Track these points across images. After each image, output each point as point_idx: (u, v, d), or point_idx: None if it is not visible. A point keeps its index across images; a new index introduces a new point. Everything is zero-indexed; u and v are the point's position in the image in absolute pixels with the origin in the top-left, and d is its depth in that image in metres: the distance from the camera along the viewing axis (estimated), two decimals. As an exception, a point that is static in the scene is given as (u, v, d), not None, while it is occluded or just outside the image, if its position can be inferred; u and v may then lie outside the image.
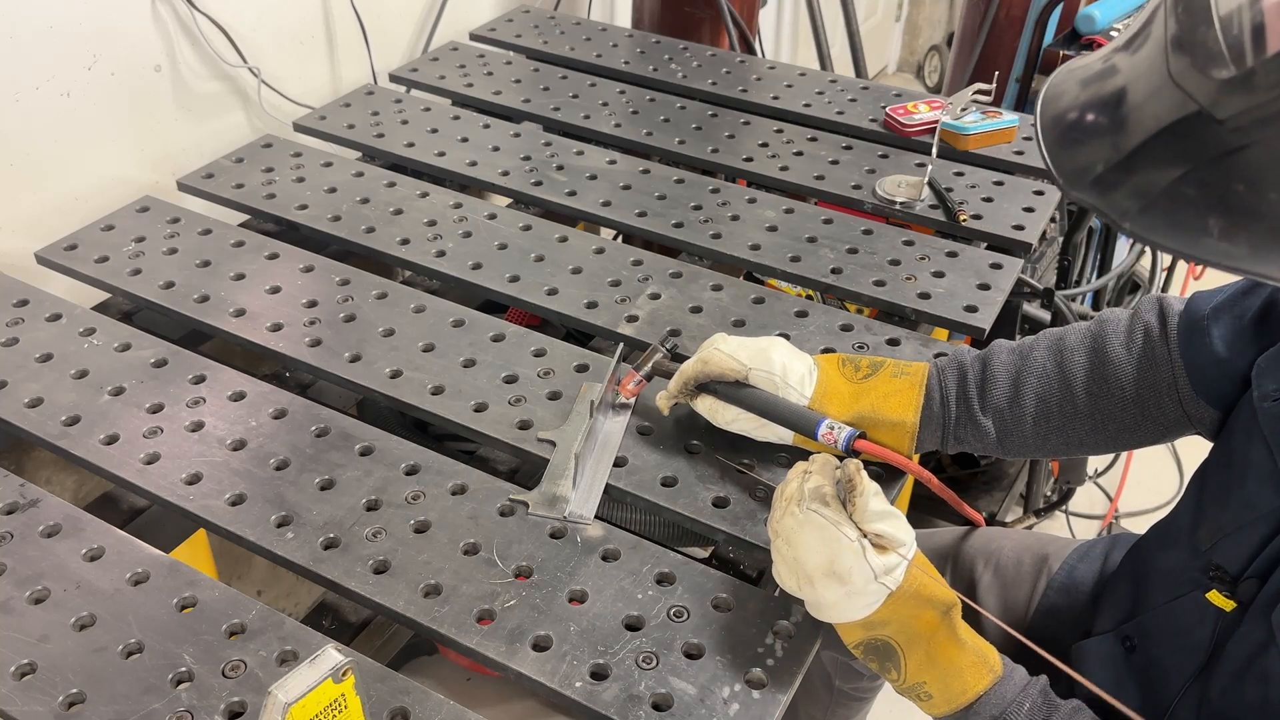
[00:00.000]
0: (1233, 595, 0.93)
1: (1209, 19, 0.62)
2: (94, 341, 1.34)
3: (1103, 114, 0.69)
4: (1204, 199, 0.62)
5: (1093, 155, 0.68)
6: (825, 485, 0.91)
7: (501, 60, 2.08)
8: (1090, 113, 0.69)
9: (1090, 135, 0.69)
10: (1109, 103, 0.69)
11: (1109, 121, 0.68)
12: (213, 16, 1.72)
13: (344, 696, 0.80)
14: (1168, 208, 0.64)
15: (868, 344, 1.33)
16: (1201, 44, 0.62)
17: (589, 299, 1.42)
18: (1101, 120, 0.69)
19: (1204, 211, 0.62)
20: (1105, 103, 0.69)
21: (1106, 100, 0.69)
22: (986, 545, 1.38)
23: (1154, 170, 0.64)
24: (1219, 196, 0.62)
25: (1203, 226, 0.62)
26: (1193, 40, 0.63)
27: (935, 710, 0.96)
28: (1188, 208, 0.63)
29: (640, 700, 0.92)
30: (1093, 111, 0.69)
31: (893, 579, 0.89)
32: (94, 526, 1.09)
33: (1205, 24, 0.62)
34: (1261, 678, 0.87)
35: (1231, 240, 0.62)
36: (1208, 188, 0.62)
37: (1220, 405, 1.01)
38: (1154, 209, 0.65)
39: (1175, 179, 0.63)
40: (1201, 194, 0.62)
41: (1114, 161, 0.66)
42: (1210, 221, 0.62)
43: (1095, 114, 0.69)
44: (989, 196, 1.63)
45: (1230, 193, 0.61)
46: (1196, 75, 0.62)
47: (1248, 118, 0.60)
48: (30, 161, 1.56)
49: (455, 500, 1.12)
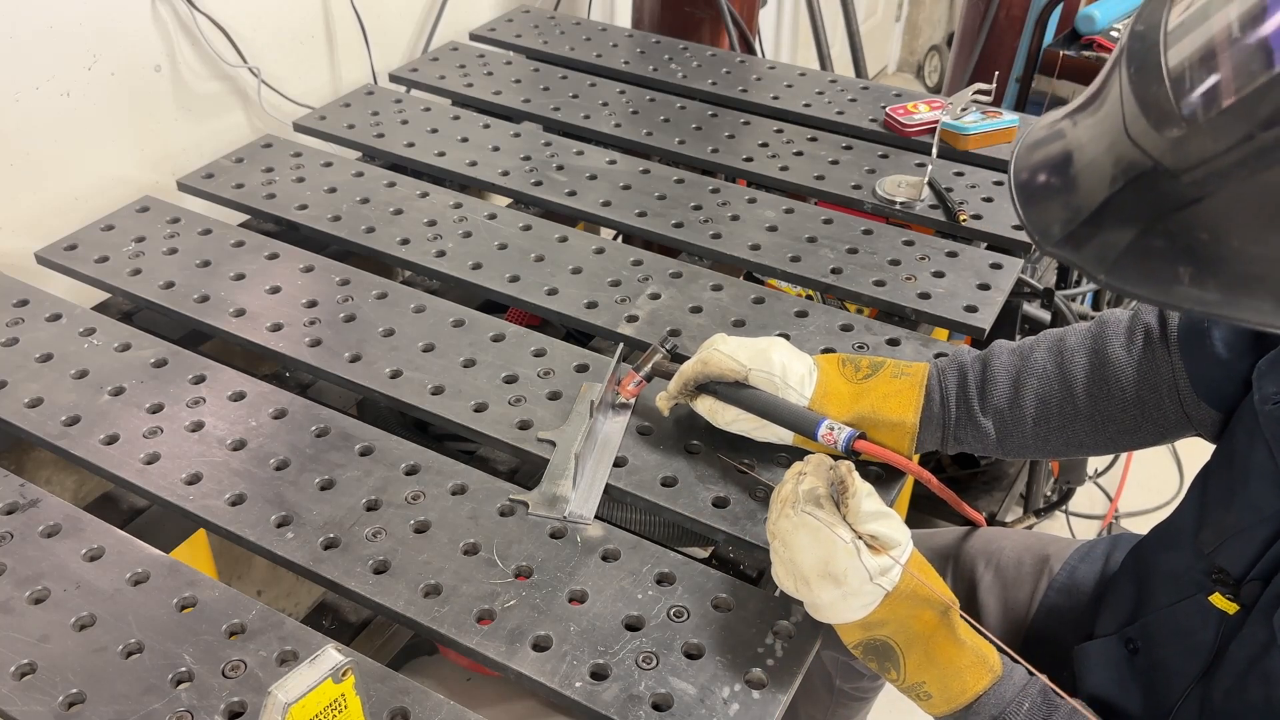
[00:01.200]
0: (1235, 598, 0.93)
1: (1160, 78, 0.65)
2: (94, 341, 1.34)
3: (1063, 175, 0.71)
4: (1171, 249, 0.64)
5: (1061, 213, 0.70)
6: (819, 487, 0.91)
7: (501, 60, 2.08)
8: (1053, 175, 0.72)
9: (1057, 195, 0.71)
10: (1070, 164, 0.71)
11: (1071, 182, 0.70)
12: (213, 16, 1.72)
13: (344, 696, 0.80)
14: (1138, 259, 0.66)
15: (868, 344, 1.33)
16: (1154, 103, 0.64)
17: (589, 299, 1.42)
18: (1065, 180, 0.71)
19: (1173, 261, 0.64)
20: (1066, 163, 0.71)
21: (1068, 161, 0.71)
22: (987, 545, 1.38)
23: (1121, 224, 0.66)
24: (1185, 246, 0.63)
25: (1173, 275, 0.64)
26: (1145, 99, 0.65)
27: (935, 710, 0.96)
28: (1157, 258, 0.65)
29: (640, 700, 0.92)
30: (1055, 173, 0.72)
31: (888, 579, 0.89)
32: (94, 526, 1.09)
33: (1157, 83, 0.65)
34: (1264, 679, 0.87)
35: (1202, 287, 0.63)
36: (1173, 238, 0.64)
37: (1221, 407, 1.01)
38: (1125, 261, 0.66)
39: (1141, 231, 0.65)
40: (1168, 244, 0.64)
41: (1082, 218, 0.68)
42: (1180, 270, 0.64)
43: (1058, 175, 0.71)
44: (989, 196, 1.63)
45: (1195, 242, 0.63)
46: (1150, 133, 0.64)
47: (1202, 171, 0.62)
48: (30, 161, 1.56)
49: (455, 500, 1.12)
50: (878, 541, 0.90)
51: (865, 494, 0.92)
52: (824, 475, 0.93)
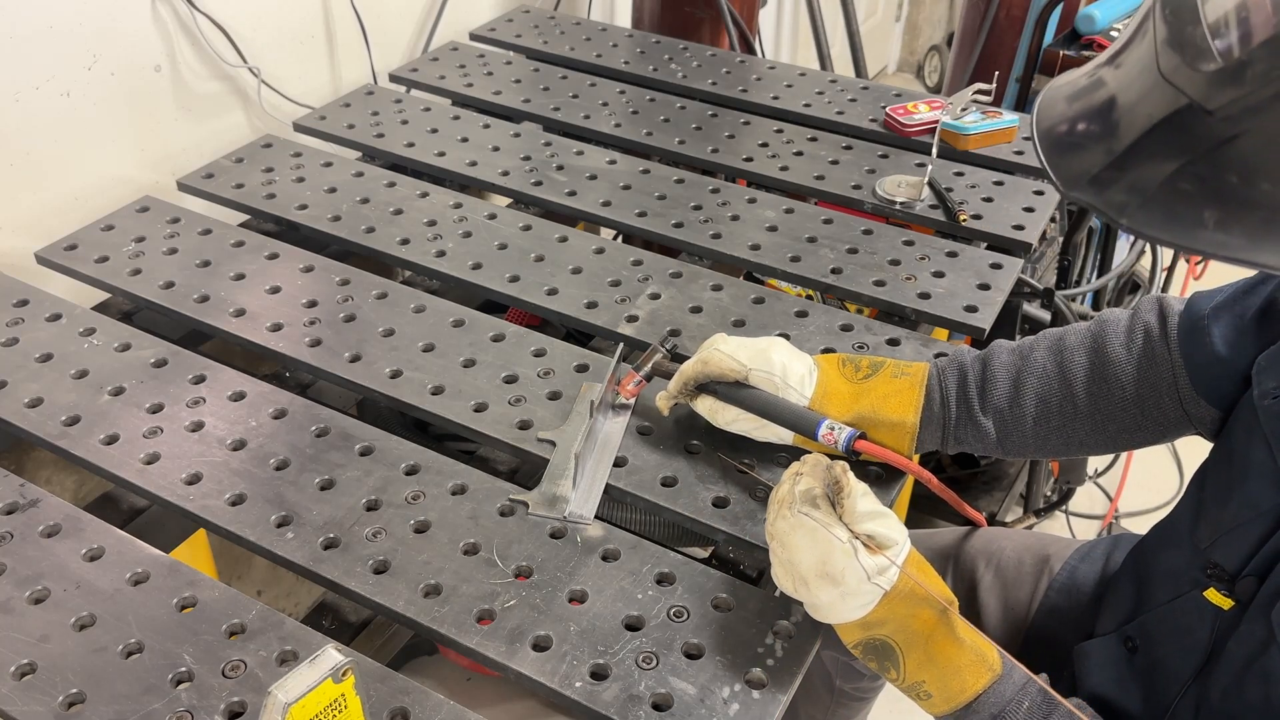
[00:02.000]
0: (1231, 594, 0.93)
1: (1196, 18, 0.65)
2: (94, 341, 1.34)
3: (1095, 120, 0.71)
4: (1199, 192, 0.64)
5: (1088, 158, 0.70)
6: (816, 487, 0.91)
7: (501, 60, 2.08)
8: (1083, 121, 0.72)
9: (1085, 140, 0.71)
10: (1101, 108, 0.71)
11: (1102, 125, 0.71)
12: (213, 16, 1.72)
13: (344, 696, 0.80)
14: (1164, 202, 0.66)
15: (868, 344, 1.33)
16: (1190, 42, 0.64)
17: (589, 299, 1.42)
18: (1094, 126, 0.71)
19: (1199, 204, 0.64)
20: (1097, 109, 0.71)
21: (1099, 107, 0.71)
22: (987, 545, 1.38)
23: (1149, 166, 0.66)
24: (1213, 188, 0.64)
25: (1198, 219, 0.64)
26: (1181, 39, 0.65)
27: (935, 709, 0.96)
28: (1183, 201, 0.65)
29: (640, 700, 0.92)
30: (1085, 119, 0.72)
31: (886, 579, 0.89)
32: (94, 526, 1.09)
33: (1193, 23, 0.65)
34: (1262, 677, 0.87)
35: (1227, 231, 0.63)
36: (1202, 180, 0.64)
37: (1221, 405, 1.01)
38: (1150, 204, 0.66)
39: (1170, 173, 0.65)
40: (1196, 187, 0.64)
41: (1109, 161, 0.68)
42: (1206, 214, 0.64)
43: (1088, 121, 0.72)
44: (989, 196, 1.63)
45: (1224, 184, 0.63)
46: (1186, 71, 0.64)
47: (1237, 106, 0.62)
48: (30, 161, 1.56)
49: (455, 500, 1.12)
50: (874, 541, 0.90)
51: (860, 494, 0.92)
52: (820, 476, 0.93)
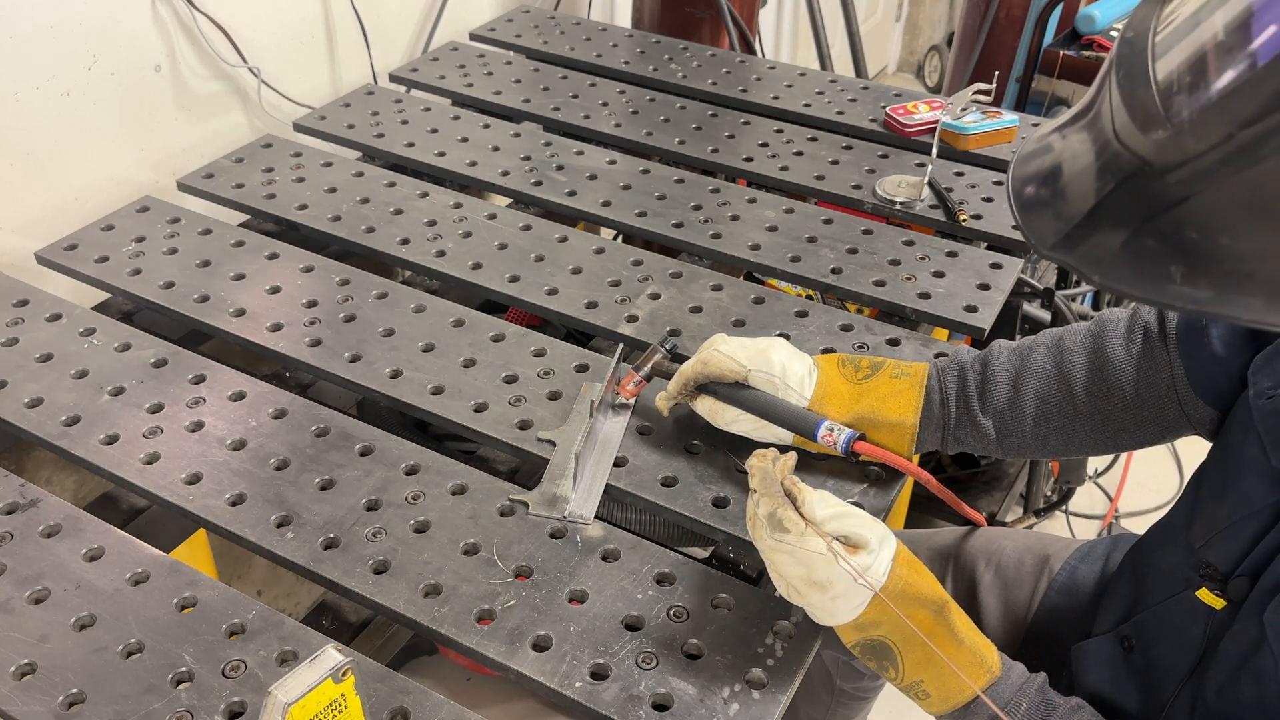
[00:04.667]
0: (1223, 593, 0.93)
1: (1147, 82, 0.67)
2: (94, 341, 1.34)
3: (1059, 181, 0.73)
4: (1162, 249, 0.66)
5: (1057, 219, 0.72)
6: (776, 509, 0.91)
7: (501, 60, 2.08)
8: (1049, 184, 0.74)
9: (1052, 201, 0.73)
10: (1065, 170, 0.73)
11: (1067, 187, 0.72)
12: (213, 16, 1.72)
13: (344, 696, 0.80)
14: (1131, 260, 0.67)
15: (868, 344, 1.33)
16: (1141, 105, 0.66)
17: (589, 299, 1.42)
18: (1059, 188, 0.73)
19: (1164, 260, 0.66)
20: (1062, 170, 0.73)
21: (1063, 168, 0.73)
22: (987, 545, 1.38)
23: (1113, 226, 0.68)
24: (1176, 245, 0.65)
25: (1166, 275, 0.66)
26: (1133, 102, 0.67)
27: (934, 709, 0.96)
28: (1149, 258, 0.66)
29: (640, 700, 0.92)
30: (1051, 181, 0.74)
31: (873, 576, 0.89)
32: (94, 526, 1.09)
33: (1144, 86, 0.67)
34: (1255, 676, 0.87)
35: (1195, 285, 0.65)
36: (1164, 238, 0.65)
37: (1219, 405, 1.01)
38: (1119, 262, 0.68)
39: (1133, 232, 0.67)
40: (1160, 244, 0.66)
41: (1076, 222, 0.70)
42: (1172, 269, 0.65)
43: (1054, 183, 0.73)
44: (989, 196, 1.63)
45: (1185, 240, 0.64)
46: (1138, 134, 0.66)
47: (1187, 170, 0.63)
48: (30, 161, 1.56)
49: (455, 500, 1.12)
50: (850, 541, 0.90)
51: (817, 500, 0.92)
52: (774, 491, 0.92)
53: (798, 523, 0.89)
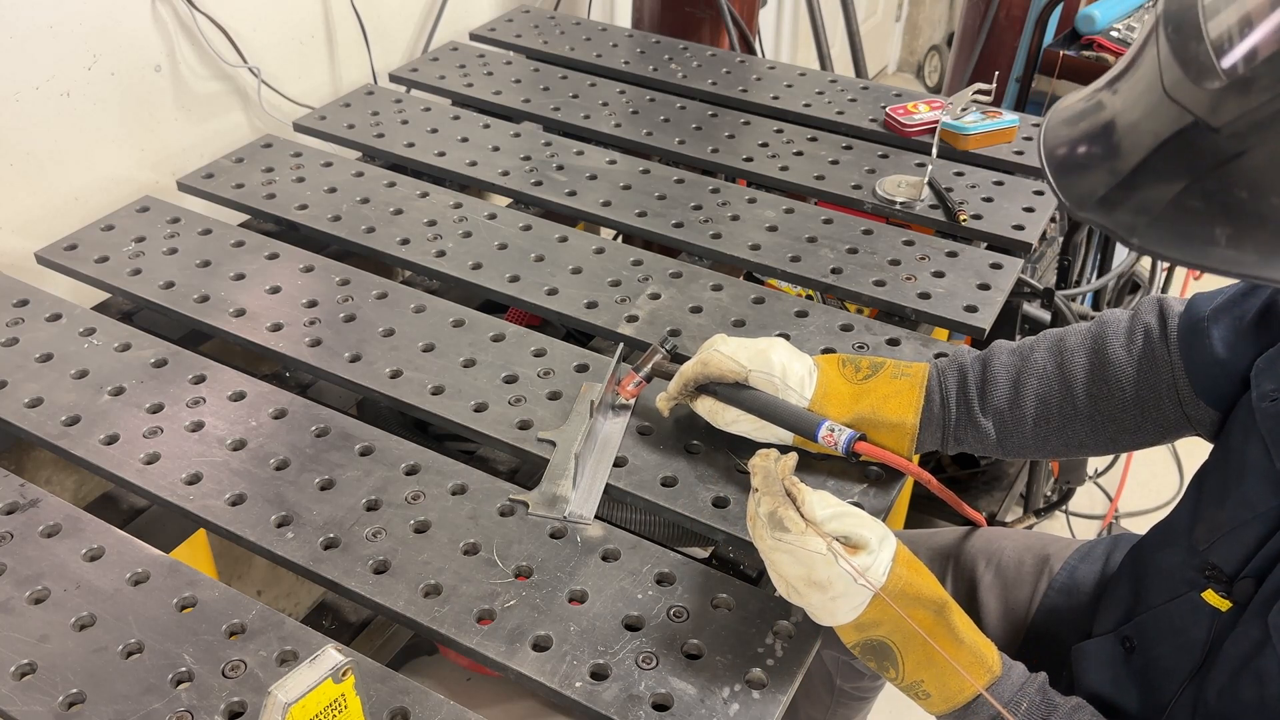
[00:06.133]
0: (1228, 595, 0.93)
1: (1200, 35, 0.65)
2: (94, 341, 1.34)
3: (1101, 141, 0.71)
4: (1208, 209, 0.64)
5: (1095, 179, 0.70)
6: (777, 508, 0.91)
7: (501, 60, 2.08)
8: (1088, 142, 0.72)
9: (1091, 161, 0.71)
10: (1106, 128, 0.71)
11: (1107, 146, 0.70)
12: (213, 16, 1.72)
13: (344, 696, 0.80)
14: (1174, 221, 0.65)
15: (868, 344, 1.33)
16: (1194, 59, 0.64)
17: (589, 299, 1.42)
18: (1100, 147, 0.71)
19: (1209, 221, 0.63)
20: (1102, 129, 0.71)
21: (1103, 127, 0.71)
22: (987, 545, 1.38)
23: (1157, 185, 0.66)
24: (1222, 205, 0.63)
25: (1209, 236, 0.63)
26: (1185, 56, 0.65)
27: (934, 709, 0.96)
28: (1193, 219, 0.64)
29: (640, 700, 0.92)
30: (1090, 141, 0.71)
31: (873, 575, 0.89)
32: (94, 526, 1.09)
33: (1196, 40, 0.65)
34: (1257, 678, 0.87)
35: (1239, 248, 0.63)
36: (1211, 197, 0.63)
37: (1220, 406, 1.01)
38: (1160, 223, 0.66)
39: (1179, 192, 0.65)
40: (1205, 204, 0.64)
41: (1116, 181, 0.68)
42: (1216, 231, 0.63)
43: (1093, 142, 0.71)
44: (989, 196, 1.63)
45: (1233, 200, 0.62)
46: (1190, 88, 0.64)
47: (1243, 123, 0.61)
48: (30, 161, 1.56)
49: (455, 500, 1.12)
50: (849, 541, 0.90)
51: (816, 500, 0.92)
52: (776, 490, 0.92)
53: (798, 522, 0.89)
